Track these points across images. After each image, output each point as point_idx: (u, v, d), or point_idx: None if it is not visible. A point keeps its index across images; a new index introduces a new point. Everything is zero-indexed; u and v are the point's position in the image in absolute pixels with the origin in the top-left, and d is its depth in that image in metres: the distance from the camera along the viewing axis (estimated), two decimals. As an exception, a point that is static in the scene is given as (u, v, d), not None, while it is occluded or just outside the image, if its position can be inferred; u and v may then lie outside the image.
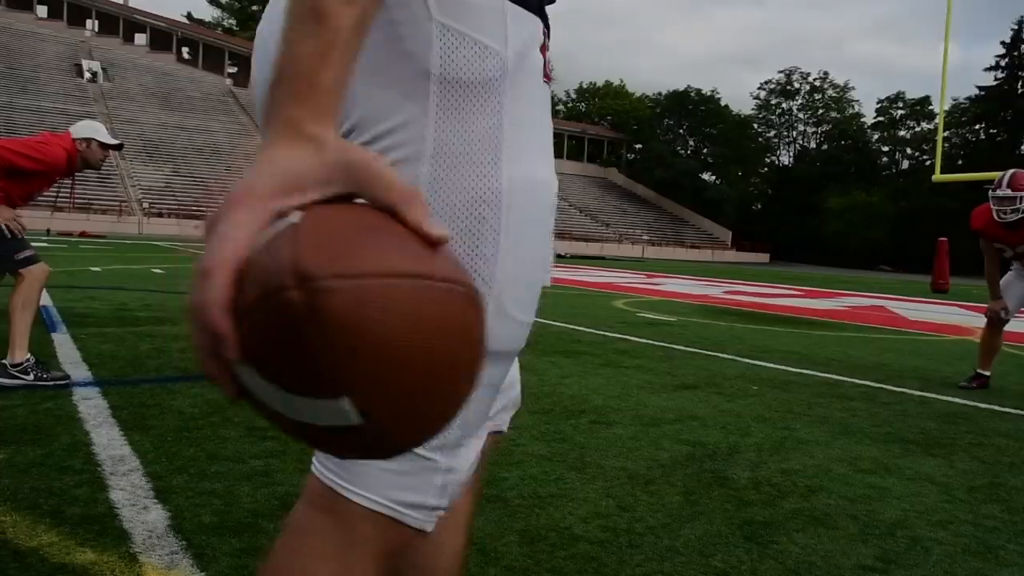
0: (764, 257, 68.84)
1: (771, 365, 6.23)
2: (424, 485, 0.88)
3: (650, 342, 7.22)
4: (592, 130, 79.02)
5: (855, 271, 54.90)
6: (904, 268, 61.21)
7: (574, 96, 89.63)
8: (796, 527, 2.62)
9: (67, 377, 4.12)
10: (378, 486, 0.86)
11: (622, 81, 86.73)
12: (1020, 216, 5.43)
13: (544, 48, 0.97)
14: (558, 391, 4.69)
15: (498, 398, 1.29)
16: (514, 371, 1.34)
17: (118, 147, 4.74)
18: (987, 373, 5.82)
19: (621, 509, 2.70)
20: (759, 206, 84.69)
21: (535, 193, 0.89)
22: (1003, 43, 67.17)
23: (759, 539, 2.50)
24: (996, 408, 5.05)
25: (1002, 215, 5.47)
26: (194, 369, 4.69)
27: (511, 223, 0.85)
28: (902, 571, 2.32)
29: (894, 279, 41.05)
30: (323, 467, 0.88)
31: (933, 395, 5.37)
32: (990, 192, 5.53)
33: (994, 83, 67.43)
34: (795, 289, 20.78)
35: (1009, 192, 5.41)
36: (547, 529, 2.48)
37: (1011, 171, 5.51)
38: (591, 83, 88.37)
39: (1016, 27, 66.84)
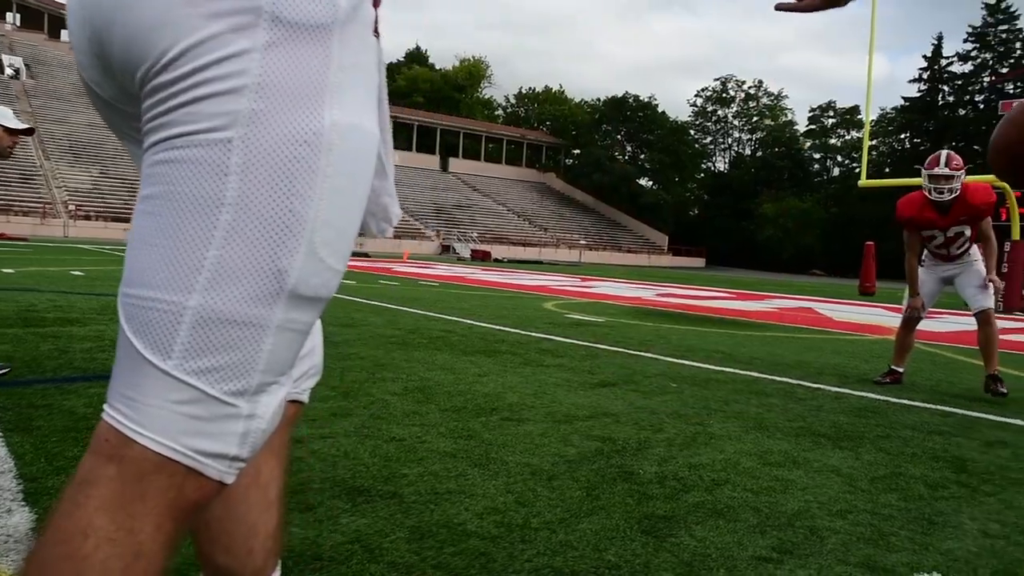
0: (700, 261, 69.82)
1: (693, 364, 6.24)
2: (224, 433, 0.83)
3: (574, 342, 7.19)
4: (531, 135, 79.33)
5: (788, 275, 55.96)
6: (836, 272, 62.56)
7: (513, 101, 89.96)
8: (696, 520, 2.59)
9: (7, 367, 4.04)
10: (173, 432, 0.80)
11: (561, 87, 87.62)
12: (953, 197, 5.51)
13: (376, 3, 0.95)
14: (473, 389, 4.61)
15: (298, 364, 1.22)
16: (316, 339, 1.28)
17: (28, 132, 4.56)
18: (900, 369, 5.91)
19: (519, 504, 2.64)
20: (695, 211, 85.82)
21: (357, 141, 0.88)
22: (925, 57, 69.25)
23: (657, 532, 2.45)
24: (906, 402, 5.11)
25: (938, 194, 5.50)
26: (96, 369, 4.51)
27: (329, 166, 0.84)
28: (796, 560, 2.30)
29: (825, 282, 41.90)
30: (113, 410, 0.82)
31: (848, 391, 5.42)
32: (926, 172, 5.55)
33: (917, 95, 69.45)
34: (727, 292, 21.06)
35: (947, 171, 5.46)
36: (439, 525, 2.40)
37: (944, 151, 5.58)
38: (530, 88, 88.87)
39: (936, 42, 69.10)
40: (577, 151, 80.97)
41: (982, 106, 63.39)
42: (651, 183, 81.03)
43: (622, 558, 2.24)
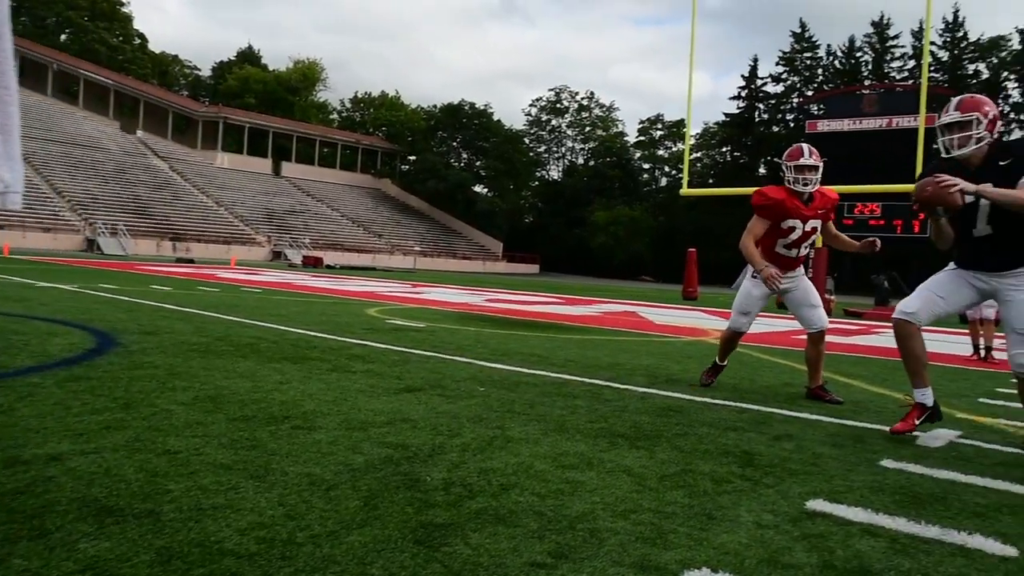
0: (534, 268, 70.99)
1: (505, 367, 6.20)
2: None
3: (389, 347, 7.03)
4: (366, 140, 78.42)
5: (619, 281, 57.70)
6: (664, 278, 65.03)
7: (349, 106, 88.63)
8: (475, 527, 2.49)
9: None
10: None
11: (397, 92, 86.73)
12: (815, 188, 5.52)
13: None
14: (270, 397, 4.38)
15: None
16: None
17: None
18: (723, 364, 6.04)
19: (288, 518, 2.46)
20: (530, 218, 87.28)
21: None
22: (743, 76, 73.47)
23: (430, 542, 2.34)
24: (708, 400, 5.25)
25: (804, 184, 5.45)
26: None
27: None
28: (570, 564, 2.24)
29: (653, 288, 43.49)
30: None
31: (655, 391, 5.51)
32: (792, 163, 5.48)
33: (737, 111, 73.50)
34: (556, 297, 21.42)
35: (812, 161, 5.45)
36: (193, 545, 2.20)
37: (804, 144, 5.60)
38: (366, 93, 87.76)
39: (752, 64, 73.49)
40: (413, 157, 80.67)
41: (792, 124, 67.67)
42: (486, 190, 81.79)
43: (388, 571, 2.11)
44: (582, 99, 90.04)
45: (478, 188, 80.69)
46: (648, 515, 2.73)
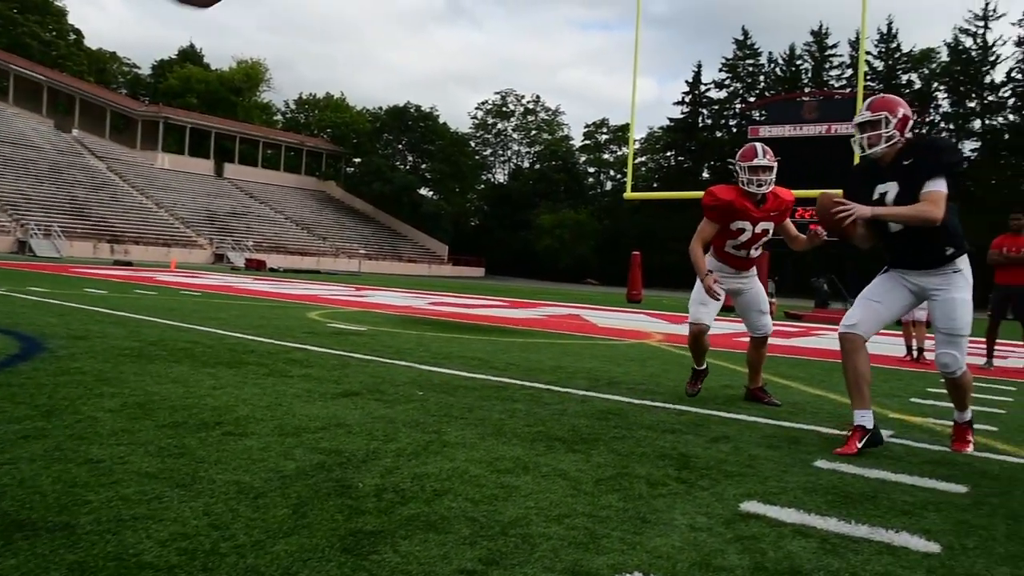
0: (479, 271, 70.92)
1: (446, 371, 6.16)
2: None
3: (328, 351, 6.94)
4: (311, 142, 77.59)
5: (564, 284, 57.92)
6: (609, 281, 65.42)
7: (293, 107, 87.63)
8: (405, 534, 2.44)
9: None
10: None
11: (343, 94, 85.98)
12: (769, 189, 5.38)
13: None
14: (201, 403, 4.28)
15: None
16: None
17: None
18: (702, 367, 5.78)
19: (212, 528, 2.39)
20: (476, 221, 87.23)
21: None
22: (687, 82, 74.25)
23: (359, 550, 2.29)
24: (648, 403, 5.26)
25: (758, 186, 5.31)
26: None
27: None
28: (501, 571, 2.21)
29: (598, 291, 43.71)
30: None
31: (596, 394, 5.51)
32: (745, 164, 5.32)
33: (681, 116, 74.32)
34: (500, 300, 21.41)
35: (766, 161, 5.29)
36: (110, 559, 2.12)
37: (758, 144, 5.41)
38: (311, 94, 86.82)
39: (696, 70, 74.32)
40: (358, 160, 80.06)
41: (735, 130, 68.64)
42: (432, 193, 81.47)
43: (313, 581, 2.06)
44: (528, 103, 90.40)
45: (424, 191, 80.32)
46: (582, 519, 2.71)
